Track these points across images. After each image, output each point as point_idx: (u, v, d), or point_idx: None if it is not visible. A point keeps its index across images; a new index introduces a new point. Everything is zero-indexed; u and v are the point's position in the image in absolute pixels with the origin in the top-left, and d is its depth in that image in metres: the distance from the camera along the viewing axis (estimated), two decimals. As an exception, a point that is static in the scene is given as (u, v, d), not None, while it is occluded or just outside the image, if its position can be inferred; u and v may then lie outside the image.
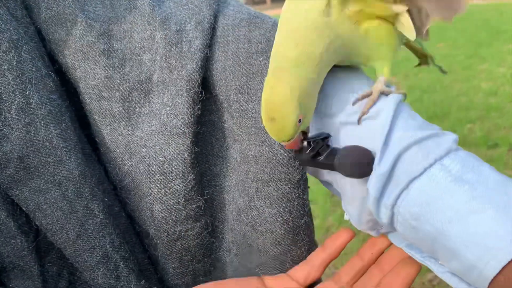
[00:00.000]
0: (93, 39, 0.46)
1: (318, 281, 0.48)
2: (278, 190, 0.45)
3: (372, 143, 0.39)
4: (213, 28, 0.48)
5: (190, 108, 0.45)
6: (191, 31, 0.47)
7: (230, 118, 0.48)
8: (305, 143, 0.41)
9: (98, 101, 0.48)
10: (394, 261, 0.44)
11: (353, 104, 0.42)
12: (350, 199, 0.43)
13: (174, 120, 0.46)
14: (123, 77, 0.47)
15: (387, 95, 0.42)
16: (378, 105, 0.40)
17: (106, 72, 0.47)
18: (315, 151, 0.41)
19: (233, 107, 0.47)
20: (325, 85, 0.43)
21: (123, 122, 0.47)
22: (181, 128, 0.45)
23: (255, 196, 0.47)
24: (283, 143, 0.41)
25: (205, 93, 0.48)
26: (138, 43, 0.48)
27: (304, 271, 0.47)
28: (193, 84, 0.46)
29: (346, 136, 0.41)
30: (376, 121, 0.40)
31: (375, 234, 0.44)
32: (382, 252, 0.46)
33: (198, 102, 0.46)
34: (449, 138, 0.38)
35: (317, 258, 0.47)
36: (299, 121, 0.38)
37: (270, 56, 0.41)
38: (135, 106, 0.48)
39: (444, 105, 4.22)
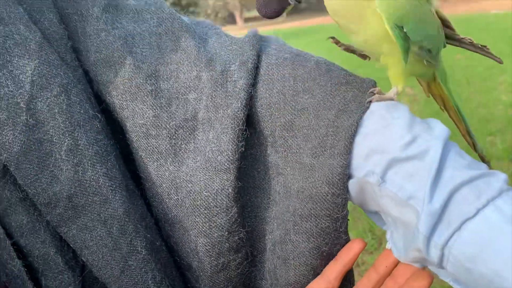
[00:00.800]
0: (141, 81, 0.49)
1: None
2: (317, 225, 0.46)
3: (421, 181, 0.40)
4: (256, 67, 0.51)
5: (235, 145, 0.48)
6: (235, 72, 0.50)
7: (274, 152, 0.50)
8: None
9: (145, 138, 0.50)
10: (408, 273, 0.44)
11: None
12: (397, 230, 0.45)
13: (219, 156, 0.48)
14: (170, 115, 0.50)
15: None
16: (426, 143, 0.42)
17: (154, 111, 0.50)
18: None
19: (278, 142, 0.49)
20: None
21: (170, 158, 0.50)
22: (226, 164, 0.47)
23: (292, 230, 0.48)
24: None
25: (249, 128, 0.50)
26: (184, 82, 0.51)
27: (320, 285, 0.47)
28: (237, 122, 0.48)
29: (395, 174, 0.42)
30: (425, 159, 0.41)
31: (419, 266, 0.44)
32: (396, 264, 0.46)
33: (242, 139, 0.48)
34: (500, 178, 0.39)
35: (331, 272, 0.47)
36: None
37: (316, 94, 0.46)
38: (181, 143, 0.50)
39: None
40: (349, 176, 0.45)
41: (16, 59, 0.45)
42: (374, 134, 0.44)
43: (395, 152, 0.42)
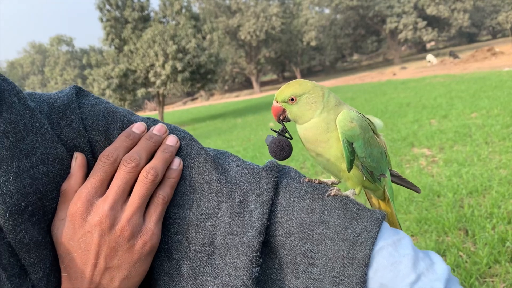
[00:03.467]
0: (169, 209, 0.60)
1: None
2: None
3: None
4: (276, 196, 0.59)
5: (250, 271, 0.54)
6: (252, 202, 0.58)
7: (295, 278, 0.56)
8: (281, 118, 0.65)
9: (168, 262, 0.58)
10: None
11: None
12: None
13: (235, 280, 0.54)
14: (189, 241, 0.58)
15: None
16: (429, 284, 0.50)
17: (177, 237, 0.58)
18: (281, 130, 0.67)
19: (299, 268, 0.55)
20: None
21: (190, 281, 0.57)
22: None
23: None
24: (275, 101, 0.65)
25: (269, 254, 0.57)
26: (204, 210, 0.59)
27: None
28: (252, 249, 0.55)
29: None
30: None
31: None
32: None
33: (257, 265, 0.55)
34: None
35: None
36: (292, 99, 0.64)
37: (331, 226, 0.55)
38: (199, 267, 0.57)
39: (484, 179, 4.09)
40: None
41: (48, 193, 0.57)
42: (384, 270, 0.51)
43: None
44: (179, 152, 0.63)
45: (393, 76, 23.84)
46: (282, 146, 0.64)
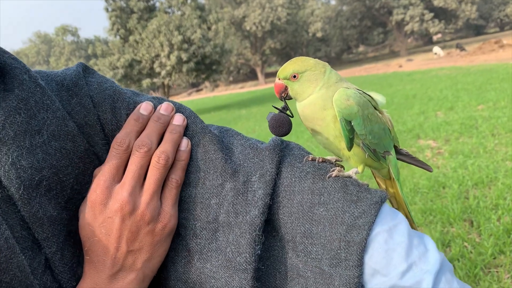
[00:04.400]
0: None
1: None
2: None
3: None
4: (279, 176, 0.60)
5: (252, 249, 0.56)
6: (255, 182, 0.59)
7: (295, 256, 0.58)
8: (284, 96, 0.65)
9: (175, 239, 0.60)
10: None
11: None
12: None
13: (238, 257, 0.56)
14: (195, 217, 0.59)
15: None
16: (420, 275, 0.52)
17: (183, 214, 0.60)
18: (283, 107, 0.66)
19: (299, 247, 0.57)
20: None
21: (196, 256, 0.58)
22: (244, 265, 0.55)
23: None
24: (277, 79, 0.65)
25: (271, 231, 0.59)
26: (208, 189, 0.60)
27: None
28: (254, 227, 0.56)
29: None
30: None
31: None
32: None
33: (259, 243, 0.56)
34: None
35: None
36: (294, 76, 0.63)
37: (330, 208, 0.56)
38: (204, 243, 0.58)
39: (490, 170, 4.08)
40: (362, 286, 0.53)
41: (63, 168, 0.57)
42: (378, 256, 0.53)
43: (394, 279, 0.52)
44: (185, 131, 0.64)
45: (399, 68, 23.69)
46: (282, 122, 0.64)
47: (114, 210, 0.56)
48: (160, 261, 0.60)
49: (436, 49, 28.81)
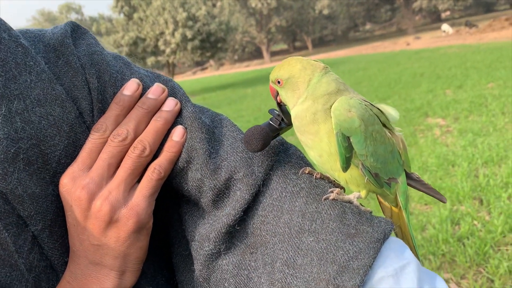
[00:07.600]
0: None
1: None
2: None
3: None
4: (267, 184, 0.54)
5: (217, 246, 0.54)
6: (238, 181, 0.54)
7: (268, 284, 0.50)
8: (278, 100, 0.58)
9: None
10: None
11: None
12: None
13: (205, 242, 0.56)
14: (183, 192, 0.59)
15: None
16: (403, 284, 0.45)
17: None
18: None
19: (277, 276, 0.49)
20: None
21: (182, 226, 0.61)
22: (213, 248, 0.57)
23: None
24: (271, 83, 0.57)
25: (249, 248, 0.53)
26: (189, 181, 0.56)
27: None
28: (223, 225, 0.53)
29: None
30: None
31: None
32: None
33: (224, 242, 0.54)
34: None
35: None
36: (279, 82, 0.55)
37: (321, 239, 0.47)
38: (190, 218, 0.60)
39: (500, 149, 4.03)
40: None
41: (48, 138, 0.52)
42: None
43: None
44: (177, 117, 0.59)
45: (406, 46, 23.36)
46: (252, 136, 0.53)
47: (74, 198, 0.52)
48: (138, 257, 0.56)
49: (445, 26, 28.30)
